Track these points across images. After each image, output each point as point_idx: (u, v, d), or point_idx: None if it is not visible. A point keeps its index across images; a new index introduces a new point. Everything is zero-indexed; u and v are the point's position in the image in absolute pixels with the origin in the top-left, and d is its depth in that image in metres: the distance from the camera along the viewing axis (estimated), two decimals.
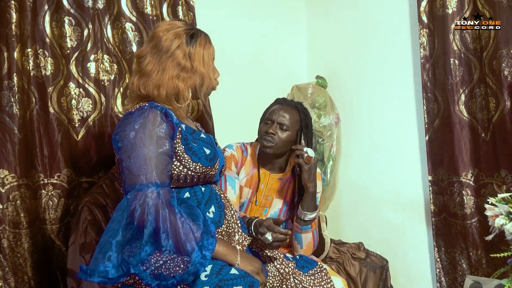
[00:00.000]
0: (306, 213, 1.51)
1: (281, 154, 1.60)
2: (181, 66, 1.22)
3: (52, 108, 1.62)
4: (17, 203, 1.52)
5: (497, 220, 1.21)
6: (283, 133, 1.54)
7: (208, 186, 1.28)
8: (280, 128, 1.54)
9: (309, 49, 2.59)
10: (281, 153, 1.59)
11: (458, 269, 1.86)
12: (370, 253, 1.78)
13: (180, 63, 1.21)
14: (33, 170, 1.58)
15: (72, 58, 1.64)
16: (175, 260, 1.02)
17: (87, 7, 1.67)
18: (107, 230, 1.07)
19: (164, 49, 1.21)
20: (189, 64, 1.22)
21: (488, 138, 1.74)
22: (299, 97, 2.32)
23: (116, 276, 0.99)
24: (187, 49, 1.23)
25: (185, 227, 1.06)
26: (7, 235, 1.50)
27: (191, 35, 1.24)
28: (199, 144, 1.23)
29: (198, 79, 1.24)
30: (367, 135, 2.26)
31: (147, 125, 1.13)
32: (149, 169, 1.10)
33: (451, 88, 1.81)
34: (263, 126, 1.58)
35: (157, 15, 1.81)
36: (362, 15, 2.25)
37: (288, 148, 1.58)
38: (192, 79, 1.23)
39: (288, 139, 1.55)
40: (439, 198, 1.91)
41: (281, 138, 1.54)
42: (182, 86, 1.22)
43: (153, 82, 1.21)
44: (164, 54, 1.21)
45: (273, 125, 1.55)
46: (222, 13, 2.20)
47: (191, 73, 1.23)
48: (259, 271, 1.19)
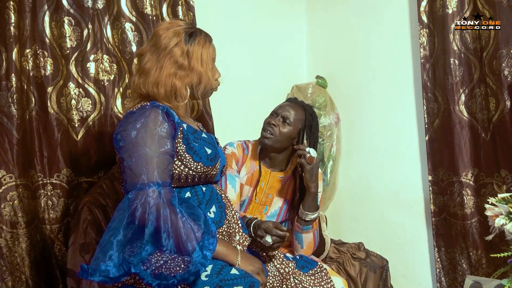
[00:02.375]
0: (307, 213, 1.51)
1: (280, 149, 1.59)
2: (178, 64, 1.21)
3: (52, 108, 1.62)
4: (15, 203, 1.52)
5: (497, 220, 1.21)
6: (285, 127, 1.54)
7: (209, 186, 1.28)
8: (283, 121, 1.55)
9: (309, 49, 2.59)
10: (279, 148, 1.58)
11: (458, 269, 1.86)
12: (370, 253, 1.77)
13: (178, 61, 1.21)
14: (32, 170, 1.58)
15: (71, 58, 1.64)
16: (176, 260, 1.02)
17: (87, 7, 1.67)
18: (108, 229, 1.07)
19: (163, 47, 1.21)
20: (186, 62, 1.22)
21: (488, 138, 1.74)
22: (299, 97, 2.32)
23: (117, 276, 0.99)
24: (185, 47, 1.22)
25: (186, 227, 1.06)
26: (4, 235, 1.50)
27: (190, 34, 1.24)
28: (201, 144, 1.23)
29: (195, 77, 1.23)
30: (367, 135, 2.26)
31: (148, 124, 1.13)
32: (150, 168, 1.09)
33: (451, 88, 1.81)
34: (267, 118, 1.59)
35: (157, 15, 1.81)
36: (362, 15, 2.25)
37: (288, 144, 1.58)
38: (189, 77, 1.22)
39: (288, 134, 1.55)
40: (439, 198, 1.91)
41: (281, 131, 1.54)
42: (179, 84, 1.21)
43: (151, 80, 1.20)
44: (162, 52, 1.21)
45: (276, 117, 1.56)
46: (222, 13, 2.20)
47: (188, 71, 1.22)
48: (259, 271, 1.19)
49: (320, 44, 2.53)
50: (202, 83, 1.25)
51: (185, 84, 1.23)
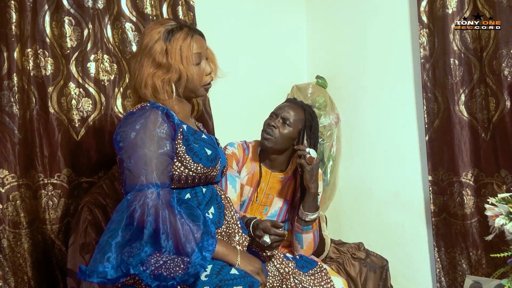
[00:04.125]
0: (307, 214, 1.51)
1: (281, 150, 1.59)
2: (156, 63, 1.19)
3: (52, 108, 1.62)
4: (17, 203, 1.52)
5: (497, 220, 1.21)
6: (285, 128, 1.54)
7: (210, 186, 1.28)
8: (282, 122, 1.55)
9: (309, 49, 2.59)
10: (280, 149, 1.59)
11: (458, 269, 1.86)
12: (370, 253, 1.77)
13: (156, 59, 1.19)
14: (33, 170, 1.58)
15: (72, 58, 1.64)
16: (175, 260, 1.02)
17: (87, 7, 1.67)
18: (106, 230, 1.07)
19: (144, 47, 1.21)
20: (165, 60, 1.19)
21: (488, 138, 1.74)
22: (299, 97, 2.32)
23: (115, 277, 0.99)
24: (164, 45, 1.19)
25: (185, 228, 1.06)
26: (7, 235, 1.50)
27: (170, 31, 1.21)
28: (201, 145, 1.23)
29: (175, 75, 1.20)
30: (367, 135, 2.26)
31: (148, 125, 1.13)
32: (149, 169, 1.09)
33: (451, 88, 1.81)
34: (267, 120, 1.59)
35: (157, 15, 1.81)
36: (362, 15, 2.25)
37: (288, 145, 1.58)
38: (168, 75, 1.19)
39: (288, 135, 1.55)
40: (439, 198, 1.91)
41: (281, 132, 1.54)
42: (159, 83, 1.19)
43: (138, 81, 1.21)
44: (143, 52, 1.21)
45: (276, 119, 1.56)
46: (222, 13, 2.20)
47: (166, 69, 1.19)
48: (259, 271, 1.19)
49: (320, 44, 2.53)
50: (183, 80, 1.21)
51: (165, 82, 1.20)
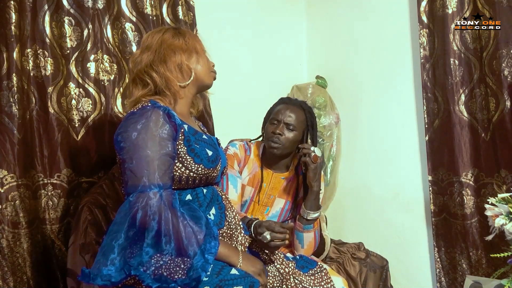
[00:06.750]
0: (309, 212, 1.51)
1: (287, 154, 1.60)
2: (182, 49, 1.24)
3: (52, 108, 1.62)
4: (16, 203, 1.52)
5: (497, 220, 1.21)
6: (290, 133, 1.54)
7: (210, 187, 1.28)
8: (287, 128, 1.54)
9: (309, 49, 2.60)
10: (287, 154, 1.59)
11: (458, 269, 1.86)
12: (370, 253, 1.77)
13: (181, 47, 1.24)
14: (33, 170, 1.58)
15: (72, 58, 1.64)
16: (176, 260, 1.02)
17: (87, 7, 1.67)
18: (109, 232, 1.06)
19: (159, 44, 1.24)
20: (189, 44, 1.26)
21: (488, 138, 1.74)
22: (299, 97, 2.32)
23: (119, 280, 0.99)
24: (181, 38, 1.26)
25: (187, 230, 1.05)
26: (6, 235, 1.50)
27: (176, 29, 1.28)
28: (202, 146, 1.22)
29: (195, 56, 1.27)
30: (367, 135, 2.26)
31: (149, 125, 1.12)
32: (151, 170, 1.09)
33: (451, 88, 1.81)
34: (269, 127, 1.57)
35: (157, 15, 1.81)
36: (362, 15, 2.25)
37: (294, 148, 1.58)
38: (191, 58, 1.26)
39: (295, 139, 1.55)
40: (439, 198, 1.91)
41: (288, 138, 1.54)
42: (185, 66, 1.25)
43: (167, 77, 1.23)
44: (162, 49, 1.24)
45: (279, 125, 1.54)
46: (222, 13, 2.20)
47: (191, 53, 1.26)
48: (260, 272, 1.19)
49: (320, 44, 2.53)
50: (201, 61, 1.27)
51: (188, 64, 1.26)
